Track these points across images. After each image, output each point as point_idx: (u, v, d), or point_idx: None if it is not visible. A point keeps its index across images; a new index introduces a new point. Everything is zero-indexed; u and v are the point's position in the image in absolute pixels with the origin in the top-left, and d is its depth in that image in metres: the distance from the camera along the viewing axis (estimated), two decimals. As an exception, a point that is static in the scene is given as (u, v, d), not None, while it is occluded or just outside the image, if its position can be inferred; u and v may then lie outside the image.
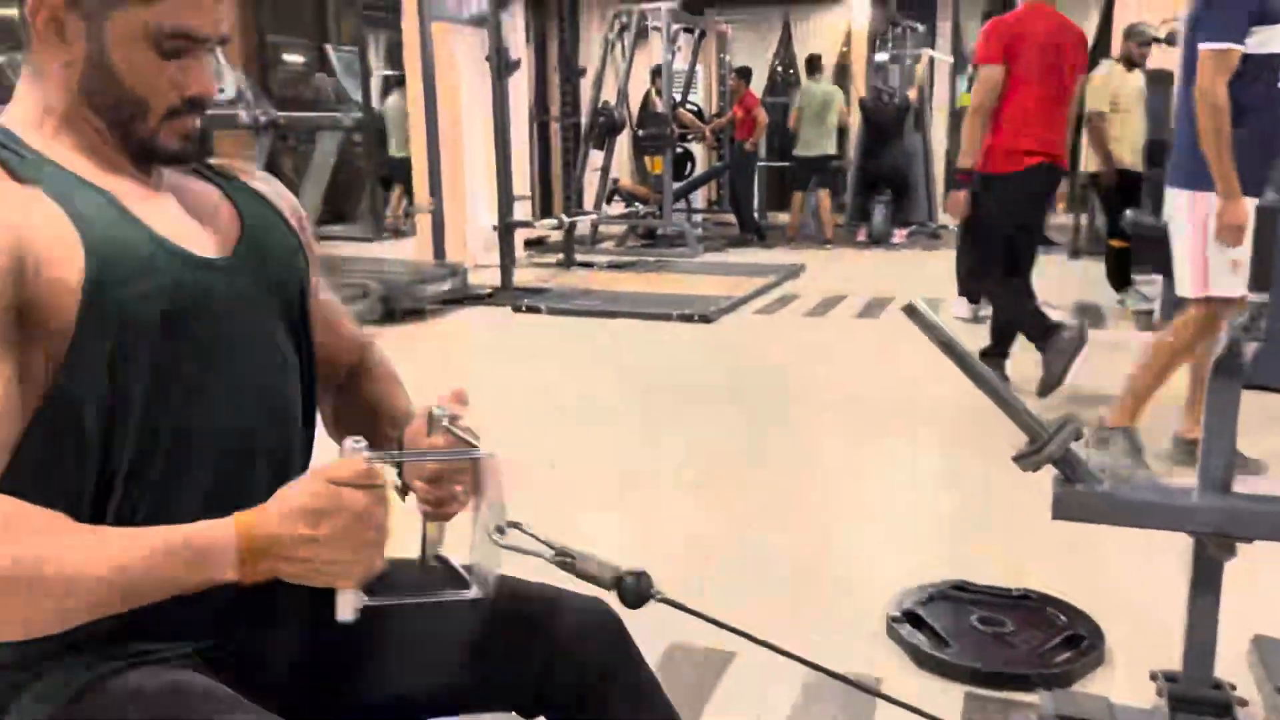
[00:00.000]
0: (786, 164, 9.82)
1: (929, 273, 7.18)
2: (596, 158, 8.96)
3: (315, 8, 9.32)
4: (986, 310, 5.53)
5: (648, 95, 9.30)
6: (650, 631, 1.20)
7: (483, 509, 0.98)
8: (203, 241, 0.99)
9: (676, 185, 9.44)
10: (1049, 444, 1.46)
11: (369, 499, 0.84)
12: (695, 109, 10.41)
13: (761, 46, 11.73)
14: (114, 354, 0.89)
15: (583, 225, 8.55)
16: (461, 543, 1.02)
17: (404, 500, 1.03)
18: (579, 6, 8.59)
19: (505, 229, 6.80)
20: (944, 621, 2.09)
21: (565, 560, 0.99)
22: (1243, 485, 1.38)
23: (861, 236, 9.22)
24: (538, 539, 0.99)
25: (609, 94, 8.83)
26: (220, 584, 0.84)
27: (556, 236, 8.23)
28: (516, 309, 6.08)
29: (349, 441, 0.86)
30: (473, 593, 0.98)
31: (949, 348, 1.51)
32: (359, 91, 7.84)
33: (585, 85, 8.76)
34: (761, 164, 10.16)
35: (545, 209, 10.06)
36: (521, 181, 8.31)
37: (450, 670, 1.06)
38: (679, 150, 9.77)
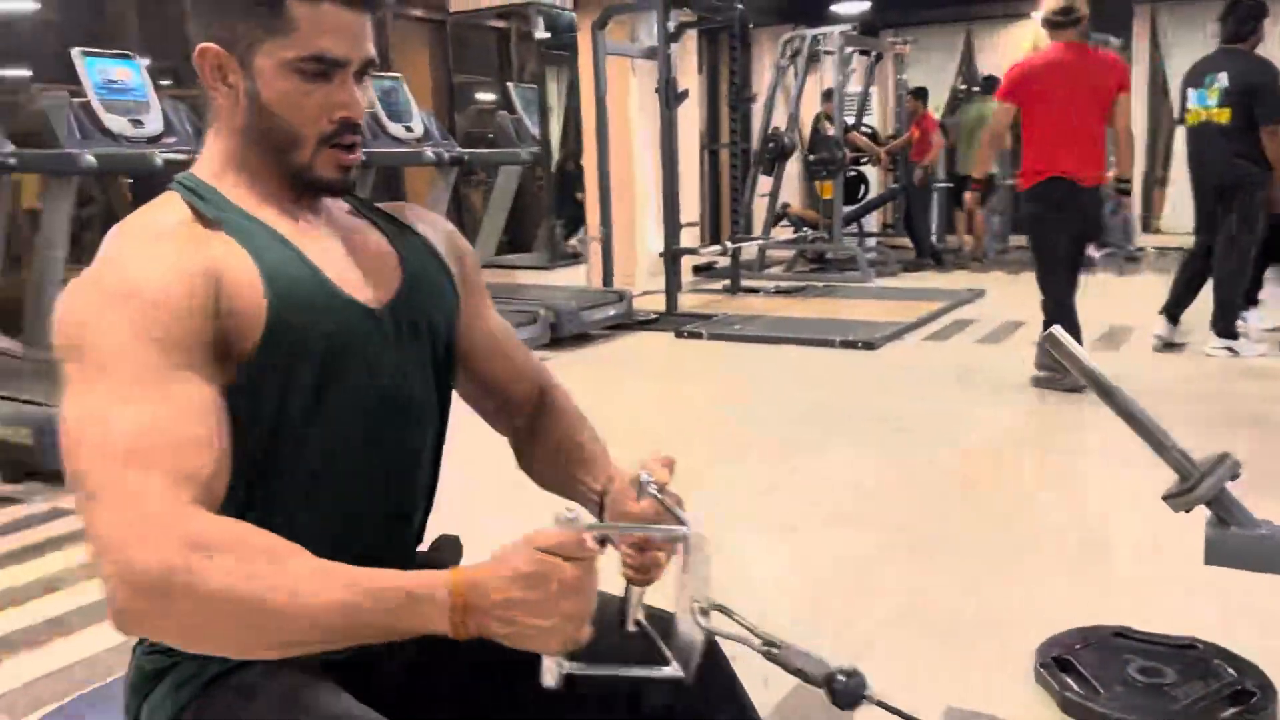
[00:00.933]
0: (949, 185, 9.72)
1: (1119, 297, 6.72)
2: (766, 183, 8.96)
3: (499, 47, 9.80)
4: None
5: (818, 119, 9.23)
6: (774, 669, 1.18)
7: (687, 586, 0.93)
8: (365, 288, 1.05)
9: (849, 209, 9.29)
10: (1200, 484, 1.36)
11: (579, 571, 0.83)
12: (869, 131, 10.23)
13: (942, 65, 11.38)
14: (281, 383, 0.96)
15: (750, 250, 8.55)
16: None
17: (602, 551, 0.96)
18: (750, 34, 8.62)
19: (671, 256, 6.91)
20: (1097, 669, 1.96)
21: (772, 651, 0.92)
22: None
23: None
24: (743, 624, 0.93)
25: (779, 119, 8.82)
26: (431, 634, 0.84)
27: (724, 262, 8.28)
28: (678, 334, 6.16)
29: (563, 511, 0.86)
30: (671, 670, 0.93)
31: (1092, 378, 1.44)
32: (539, 126, 8.19)
33: (756, 111, 8.77)
34: (939, 186, 9.86)
35: (714, 235, 10.13)
36: (691, 208, 8.40)
37: (555, 708, 1.03)
38: (852, 174, 9.63)
